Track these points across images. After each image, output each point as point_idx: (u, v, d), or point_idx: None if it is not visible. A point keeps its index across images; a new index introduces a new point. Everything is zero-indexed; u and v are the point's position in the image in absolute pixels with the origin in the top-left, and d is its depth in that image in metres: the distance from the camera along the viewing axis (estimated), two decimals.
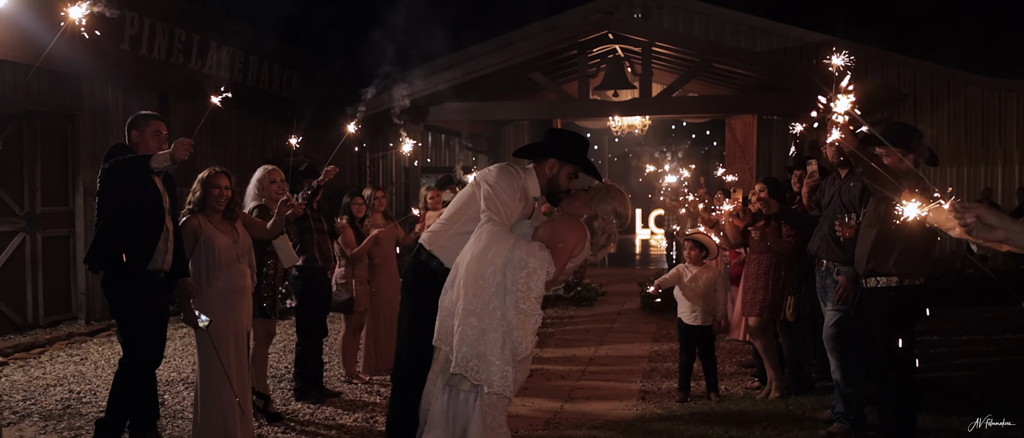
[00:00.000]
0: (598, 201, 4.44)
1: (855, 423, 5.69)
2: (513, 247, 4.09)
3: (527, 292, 4.00)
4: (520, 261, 4.03)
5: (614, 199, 4.48)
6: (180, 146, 4.63)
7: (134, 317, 5.07)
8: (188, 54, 12.04)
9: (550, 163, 4.56)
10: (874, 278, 5.09)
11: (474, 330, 4.02)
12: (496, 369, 3.99)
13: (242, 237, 5.75)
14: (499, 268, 4.05)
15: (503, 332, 4.00)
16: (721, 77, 15.19)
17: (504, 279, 4.03)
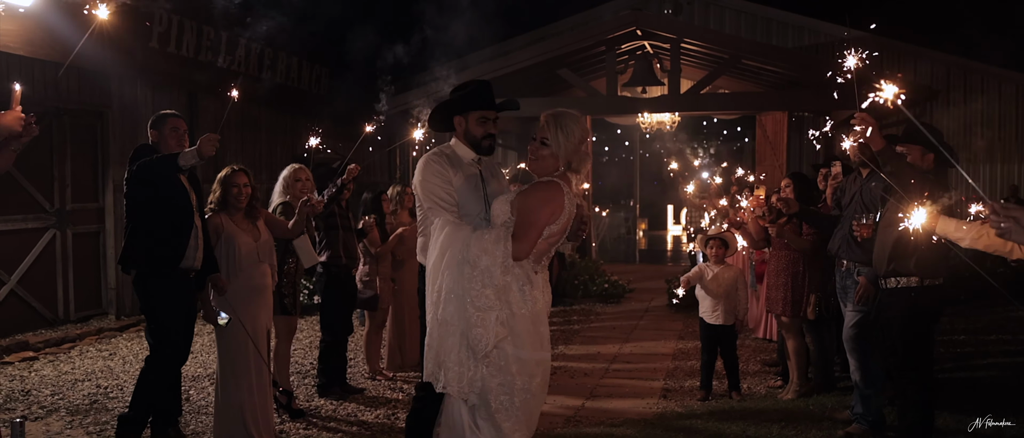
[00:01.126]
0: (559, 137, 4.00)
1: (874, 424, 5.64)
2: (466, 247, 3.92)
3: (481, 289, 3.83)
4: (473, 259, 3.87)
5: (572, 123, 4.04)
6: (206, 142, 4.66)
7: (165, 316, 5.13)
8: (216, 51, 12.17)
9: (457, 122, 4.34)
10: (894, 278, 5.04)
11: (436, 339, 3.95)
12: (453, 373, 3.90)
13: (264, 236, 5.80)
14: (454, 273, 3.92)
15: (461, 333, 3.89)
16: (751, 73, 15.08)
17: (461, 280, 3.90)
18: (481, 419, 3.95)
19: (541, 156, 4.04)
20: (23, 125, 3.78)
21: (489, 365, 3.89)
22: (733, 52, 13.59)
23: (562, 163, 4.04)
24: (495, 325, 3.84)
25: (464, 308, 3.85)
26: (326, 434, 6.08)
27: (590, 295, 12.69)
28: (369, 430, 6.19)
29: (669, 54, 13.70)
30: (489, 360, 3.88)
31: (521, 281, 3.95)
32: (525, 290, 3.96)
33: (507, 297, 3.89)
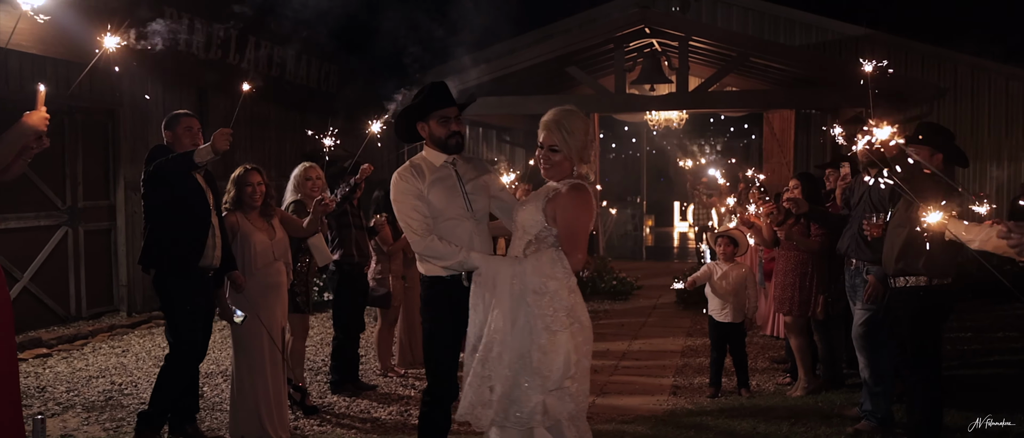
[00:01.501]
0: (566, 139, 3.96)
1: (883, 421, 5.68)
2: (522, 278, 3.83)
3: (554, 313, 3.78)
4: (538, 287, 3.80)
5: (573, 119, 4.00)
6: (220, 137, 4.71)
7: (184, 314, 5.18)
8: (226, 49, 12.23)
9: (421, 129, 4.33)
10: (903, 278, 5.07)
11: (503, 379, 3.82)
12: (530, 408, 3.81)
13: (279, 234, 5.87)
14: (513, 306, 3.84)
15: (534, 366, 3.79)
16: (759, 71, 15.09)
17: (527, 312, 3.81)
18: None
19: (555, 163, 4.01)
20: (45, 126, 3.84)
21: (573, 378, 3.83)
22: (741, 50, 13.60)
23: (575, 163, 4.02)
24: (566, 349, 3.79)
25: (535, 337, 3.77)
26: (340, 431, 6.14)
27: (598, 292, 12.74)
28: (383, 427, 6.25)
29: (677, 52, 13.71)
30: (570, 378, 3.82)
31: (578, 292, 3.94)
32: (580, 299, 3.95)
33: (577, 314, 3.88)
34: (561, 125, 3.94)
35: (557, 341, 3.77)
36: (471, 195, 4.29)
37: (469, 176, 4.34)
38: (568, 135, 3.94)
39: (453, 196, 4.24)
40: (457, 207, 4.23)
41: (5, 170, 4.10)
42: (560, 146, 3.95)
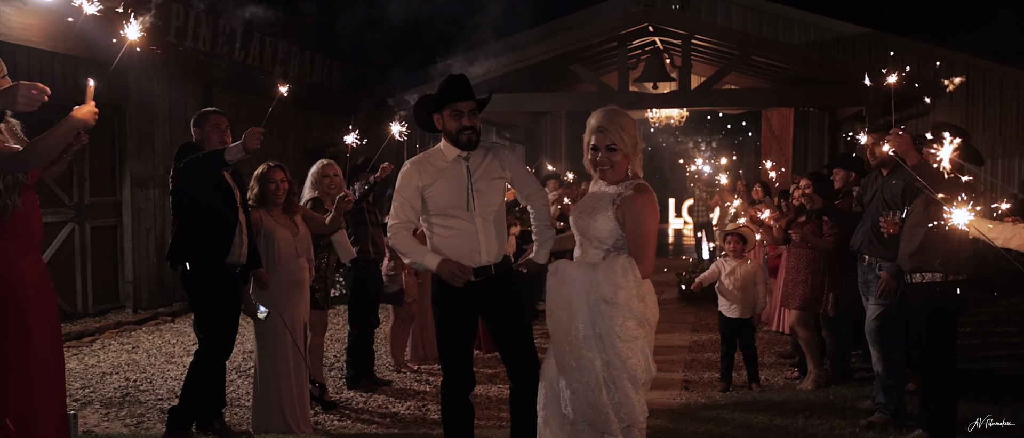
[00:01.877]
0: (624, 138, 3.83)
1: (896, 413, 5.78)
2: (595, 286, 3.68)
3: (624, 322, 3.66)
4: (610, 297, 3.65)
5: (626, 118, 3.89)
6: (252, 136, 4.75)
7: (213, 310, 5.22)
8: (231, 45, 12.26)
9: (436, 121, 4.33)
10: (919, 274, 5.18)
11: (584, 388, 3.71)
12: (620, 412, 3.70)
13: (301, 231, 5.94)
14: (586, 316, 3.70)
15: (608, 377, 3.68)
16: (760, 69, 15.20)
17: (599, 321, 3.68)
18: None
19: (615, 163, 3.86)
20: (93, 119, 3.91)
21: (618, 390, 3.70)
22: (743, 49, 13.69)
23: (632, 162, 3.92)
24: (644, 352, 3.71)
25: (610, 347, 3.66)
26: (360, 425, 6.22)
27: None
28: (402, 421, 6.33)
29: (680, 50, 13.81)
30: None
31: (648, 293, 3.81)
32: (652, 303, 3.83)
33: (650, 320, 3.78)
34: (616, 123, 3.83)
35: (633, 347, 3.69)
36: (478, 193, 4.26)
37: (484, 173, 4.31)
38: (623, 132, 3.82)
39: (456, 190, 4.24)
40: (456, 199, 4.24)
41: (48, 168, 4.17)
42: (618, 144, 3.82)
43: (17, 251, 3.85)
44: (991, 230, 4.16)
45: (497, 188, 4.37)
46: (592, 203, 3.91)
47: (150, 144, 11.29)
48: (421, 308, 8.02)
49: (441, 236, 4.28)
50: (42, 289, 3.95)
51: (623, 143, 3.82)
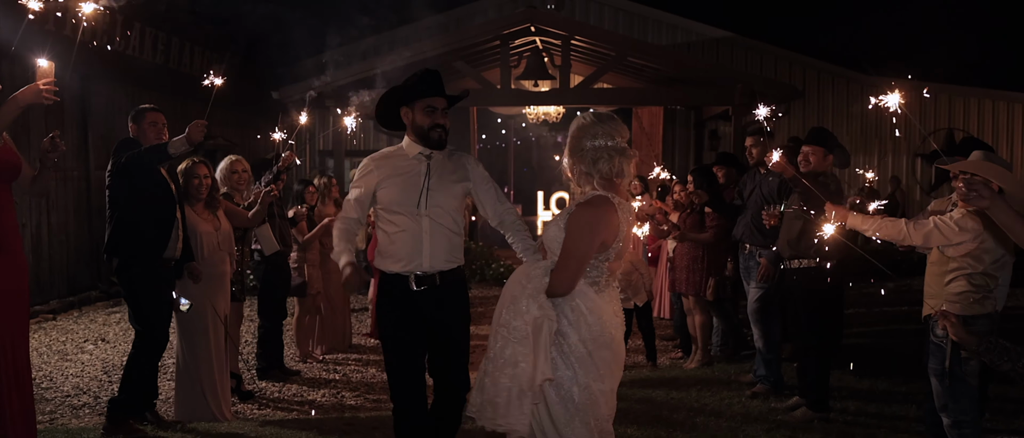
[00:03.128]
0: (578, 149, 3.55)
1: (775, 383, 6.51)
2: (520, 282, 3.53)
3: (508, 321, 3.46)
4: (516, 294, 3.51)
5: (592, 127, 3.55)
6: (195, 128, 4.90)
7: (149, 303, 5.32)
8: (111, 34, 12.05)
9: (404, 114, 4.18)
10: (797, 260, 5.84)
11: (489, 376, 3.52)
12: (503, 412, 3.48)
13: (223, 226, 6.12)
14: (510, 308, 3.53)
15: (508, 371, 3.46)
16: (633, 70, 15.95)
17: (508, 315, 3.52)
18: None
19: (570, 174, 3.64)
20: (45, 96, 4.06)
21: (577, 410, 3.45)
22: (619, 50, 14.41)
23: (580, 176, 3.56)
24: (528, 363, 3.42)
25: (506, 345, 3.46)
26: (280, 413, 6.45)
27: (486, 279, 13.31)
28: (321, 408, 6.59)
29: (560, 50, 14.38)
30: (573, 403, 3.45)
31: (577, 308, 3.48)
32: (586, 315, 3.47)
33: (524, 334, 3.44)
34: (571, 135, 3.61)
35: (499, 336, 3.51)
36: (432, 193, 4.09)
37: (443, 175, 4.17)
38: (571, 146, 3.58)
39: (409, 189, 4.09)
40: (408, 198, 4.07)
41: (33, 182, 4.36)
42: (566, 158, 3.62)
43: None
44: (863, 222, 4.78)
45: (454, 193, 4.19)
46: (561, 212, 3.69)
47: (25, 135, 10.98)
48: (326, 299, 8.26)
49: (385, 234, 4.15)
50: (9, 280, 4.07)
51: (568, 157, 3.61)
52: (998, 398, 6.00)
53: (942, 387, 4.63)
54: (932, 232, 4.52)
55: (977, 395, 4.69)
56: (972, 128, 17.22)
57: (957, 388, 4.58)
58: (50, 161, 4.32)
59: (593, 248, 3.43)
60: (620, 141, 3.54)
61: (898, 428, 5.65)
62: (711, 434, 5.50)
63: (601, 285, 3.52)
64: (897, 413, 5.99)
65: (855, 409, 6.12)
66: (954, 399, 4.59)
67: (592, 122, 3.56)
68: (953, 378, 4.56)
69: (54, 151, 4.26)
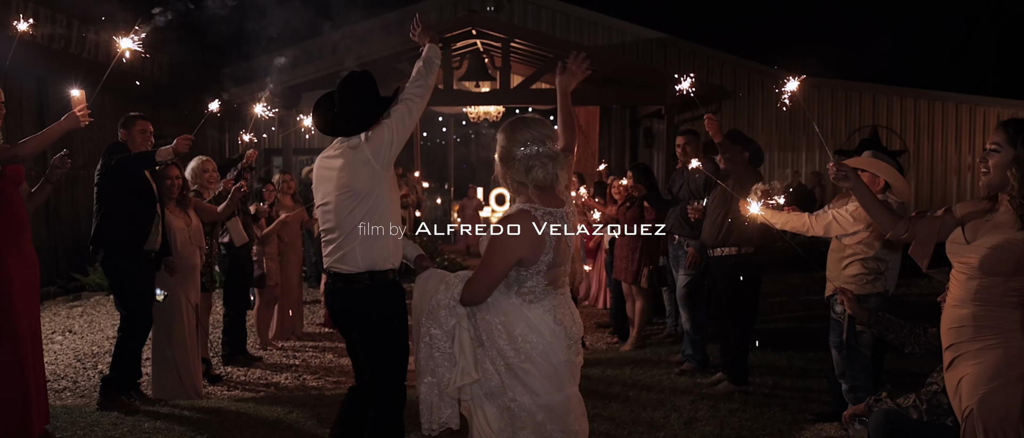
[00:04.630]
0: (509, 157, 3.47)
1: (701, 362, 7.22)
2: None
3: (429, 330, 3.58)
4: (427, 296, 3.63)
5: (522, 133, 3.47)
6: (182, 141, 5.49)
7: (133, 290, 5.87)
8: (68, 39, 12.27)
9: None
10: (720, 248, 6.53)
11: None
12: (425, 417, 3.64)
13: (194, 222, 6.61)
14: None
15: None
16: (571, 71, 16.59)
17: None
18: None
19: (505, 184, 3.59)
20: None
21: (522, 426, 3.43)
22: (557, 52, 15.04)
23: (516, 186, 3.51)
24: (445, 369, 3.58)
25: (430, 353, 3.58)
26: (248, 394, 6.93)
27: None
28: (286, 389, 7.09)
29: (500, 52, 14.97)
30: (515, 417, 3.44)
31: (498, 322, 3.45)
32: (509, 329, 3.44)
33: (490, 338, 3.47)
34: (501, 142, 3.51)
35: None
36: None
37: None
38: (499, 152, 3.52)
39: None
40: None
41: (29, 198, 4.91)
42: (499, 165, 3.53)
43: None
44: (773, 215, 5.48)
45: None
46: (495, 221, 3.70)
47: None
48: (284, 290, 8.73)
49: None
50: (24, 273, 4.58)
51: (499, 163, 3.53)
52: (900, 373, 6.78)
53: (841, 357, 5.41)
54: (831, 223, 5.30)
55: (870, 365, 5.48)
56: (896, 125, 18.20)
57: (853, 357, 5.36)
58: (55, 177, 4.83)
59: (507, 264, 3.36)
60: (552, 146, 3.45)
61: (809, 398, 6.37)
62: (642, 405, 6.16)
63: (536, 296, 3.43)
64: (810, 386, 6.72)
65: (773, 383, 6.85)
66: (850, 367, 5.37)
67: (521, 127, 3.48)
68: (849, 349, 5.35)
69: (62, 168, 4.76)
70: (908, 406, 3.96)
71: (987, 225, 3.32)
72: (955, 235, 3.42)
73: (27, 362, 4.70)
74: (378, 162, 3.91)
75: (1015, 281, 3.25)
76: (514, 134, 3.47)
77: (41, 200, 5.13)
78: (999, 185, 3.30)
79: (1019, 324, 3.24)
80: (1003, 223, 3.28)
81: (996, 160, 3.28)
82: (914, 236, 3.57)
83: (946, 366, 3.42)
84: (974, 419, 3.25)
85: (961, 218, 3.43)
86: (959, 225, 3.42)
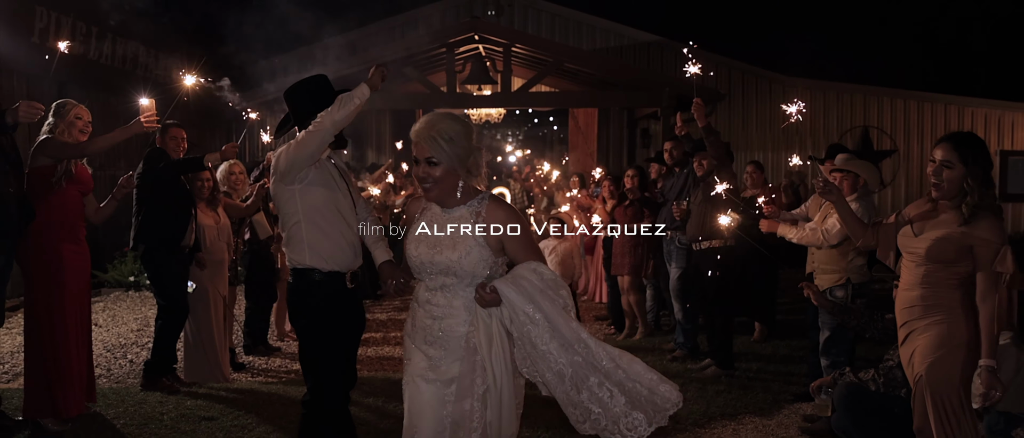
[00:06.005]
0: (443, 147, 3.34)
1: (691, 349, 7.82)
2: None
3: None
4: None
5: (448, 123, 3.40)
6: (230, 149, 6.30)
7: (171, 281, 6.50)
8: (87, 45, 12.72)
9: None
10: (706, 241, 7.08)
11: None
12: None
13: (223, 220, 7.16)
14: None
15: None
16: (569, 74, 17.12)
17: None
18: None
19: (437, 179, 3.38)
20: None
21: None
22: (556, 57, 15.60)
23: (462, 174, 3.42)
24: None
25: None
26: (270, 379, 7.46)
27: None
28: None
29: (502, 56, 15.50)
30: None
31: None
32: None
33: None
34: (435, 129, 3.35)
35: None
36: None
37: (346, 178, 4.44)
38: (444, 142, 3.34)
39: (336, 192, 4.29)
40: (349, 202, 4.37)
41: (98, 212, 5.63)
42: (438, 158, 3.35)
43: (57, 227, 5.24)
44: (787, 230, 6.10)
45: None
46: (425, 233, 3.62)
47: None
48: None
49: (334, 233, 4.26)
50: (77, 262, 5.16)
51: (443, 153, 3.37)
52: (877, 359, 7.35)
53: (831, 336, 6.01)
54: (841, 230, 5.79)
55: (852, 346, 6.11)
56: (886, 125, 18.67)
57: (838, 336, 5.97)
58: (121, 195, 5.42)
59: None
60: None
61: (790, 381, 6.92)
62: None
63: None
64: (792, 371, 7.28)
65: (757, 368, 7.42)
66: (836, 345, 5.98)
67: (448, 114, 3.47)
68: (840, 329, 5.94)
69: (128, 187, 5.33)
70: (867, 379, 4.52)
71: (932, 222, 3.95)
72: (905, 230, 4.05)
73: (78, 340, 5.40)
74: (275, 175, 4.24)
75: (955, 267, 3.86)
76: (467, 127, 3.48)
77: (108, 213, 5.72)
78: (952, 194, 3.88)
79: (960, 302, 3.85)
80: (945, 221, 3.90)
81: (949, 175, 3.85)
82: (879, 242, 4.27)
83: (901, 341, 4.04)
84: (923, 383, 3.87)
85: (911, 218, 4.05)
86: (909, 223, 4.04)
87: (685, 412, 6.07)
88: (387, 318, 10.23)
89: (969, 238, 3.79)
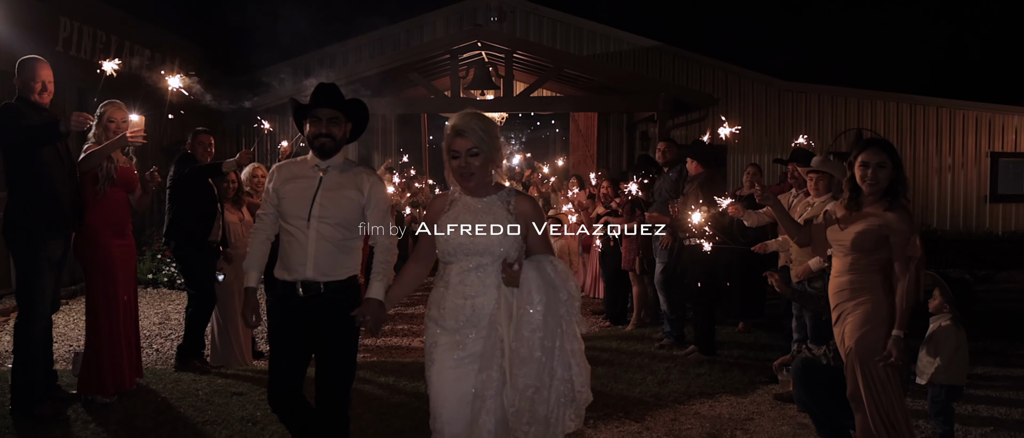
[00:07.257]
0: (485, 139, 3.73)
1: (677, 338, 8.44)
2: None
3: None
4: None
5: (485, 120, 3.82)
6: (245, 155, 6.94)
7: (202, 273, 7.20)
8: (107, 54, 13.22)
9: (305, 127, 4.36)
10: (693, 239, 7.69)
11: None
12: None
13: (247, 218, 7.81)
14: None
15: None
16: (569, 79, 17.72)
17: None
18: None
19: (476, 168, 3.71)
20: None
21: None
22: (556, 63, 16.22)
23: (494, 168, 3.77)
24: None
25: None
26: None
27: None
28: None
29: (504, 62, 16.10)
30: None
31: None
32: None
33: None
34: (479, 124, 3.74)
35: None
36: (322, 205, 4.20)
37: (336, 187, 4.27)
38: (487, 136, 3.73)
39: (301, 199, 4.22)
40: (298, 210, 4.20)
41: (138, 201, 6.21)
42: (478, 148, 3.69)
43: (105, 226, 5.91)
44: (747, 218, 6.74)
45: (346, 206, 4.25)
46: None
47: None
48: None
49: (282, 241, 4.31)
50: (124, 255, 5.87)
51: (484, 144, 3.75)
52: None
53: (809, 322, 6.60)
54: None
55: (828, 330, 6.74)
56: (879, 128, 19.10)
57: (802, 319, 6.59)
58: (151, 189, 6.12)
59: None
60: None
61: (767, 366, 7.51)
62: (623, 368, 7.37)
63: None
64: (770, 357, 7.85)
65: (738, 354, 8.06)
66: (813, 331, 6.57)
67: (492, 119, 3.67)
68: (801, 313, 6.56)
69: (152, 181, 6.01)
70: (820, 354, 5.14)
71: (855, 216, 4.59)
72: (833, 227, 4.72)
73: (127, 324, 6.12)
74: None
75: (876, 254, 4.51)
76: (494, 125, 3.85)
77: (146, 203, 6.33)
78: (882, 191, 4.50)
79: (881, 285, 4.51)
80: (867, 215, 4.54)
81: (885, 174, 4.50)
82: (814, 239, 4.97)
83: (835, 321, 4.67)
84: (853, 355, 4.53)
85: (838, 217, 4.70)
86: (836, 221, 4.71)
87: (667, 391, 6.71)
88: (394, 312, 10.82)
89: (885, 229, 4.43)
